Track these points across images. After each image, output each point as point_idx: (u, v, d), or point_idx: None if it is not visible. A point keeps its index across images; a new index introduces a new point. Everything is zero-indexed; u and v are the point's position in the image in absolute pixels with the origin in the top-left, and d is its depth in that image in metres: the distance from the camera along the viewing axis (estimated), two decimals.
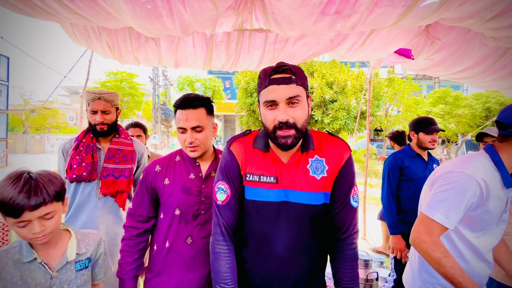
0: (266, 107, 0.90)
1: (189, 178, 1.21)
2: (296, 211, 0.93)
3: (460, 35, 2.17)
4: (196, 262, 1.18)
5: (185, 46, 2.38)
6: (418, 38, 2.38)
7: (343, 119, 10.49)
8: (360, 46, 2.48)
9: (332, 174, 0.96)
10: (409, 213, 2.08)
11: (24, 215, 0.86)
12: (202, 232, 1.19)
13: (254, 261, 0.98)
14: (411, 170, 2.09)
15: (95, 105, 1.63)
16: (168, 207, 1.20)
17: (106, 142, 1.72)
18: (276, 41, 2.32)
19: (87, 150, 1.64)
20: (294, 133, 0.87)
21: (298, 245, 0.95)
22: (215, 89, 14.73)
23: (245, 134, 1.04)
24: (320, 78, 11.12)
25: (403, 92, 12.83)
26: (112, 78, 23.72)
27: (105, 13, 1.69)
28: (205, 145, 1.20)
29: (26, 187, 0.86)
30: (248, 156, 0.98)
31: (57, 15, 1.70)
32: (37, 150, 23.82)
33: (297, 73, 0.89)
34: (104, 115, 1.64)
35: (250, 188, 0.96)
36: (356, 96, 10.60)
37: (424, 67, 2.84)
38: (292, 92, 0.87)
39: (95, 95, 1.63)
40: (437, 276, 1.09)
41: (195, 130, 1.16)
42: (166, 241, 1.20)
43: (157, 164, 1.25)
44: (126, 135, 1.80)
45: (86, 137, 1.68)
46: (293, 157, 0.96)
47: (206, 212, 1.20)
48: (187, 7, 1.45)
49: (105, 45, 2.44)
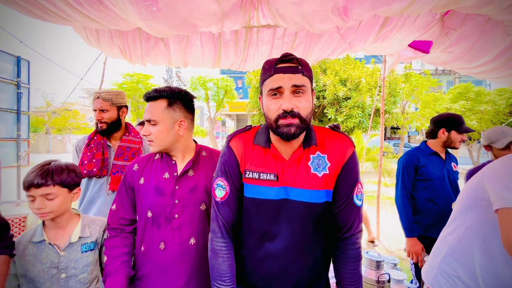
0: (270, 96, 0.87)
1: (163, 178, 1.12)
2: (297, 209, 0.91)
3: (478, 25, 2.05)
4: (170, 271, 1.07)
5: (193, 46, 2.39)
6: (433, 30, 2.27)
7: (358, 117, 10.26)
8: (373, 38, 2.39)
9: (334, 171, 0.92)
10: (425, 214, 1.99)
11: (30, 190, 1.05)
12: (175, 238, 1.08)
13: (254, 260, 0.96)
14: (427, 169, 1.98)
15: (94, 104, 1.69)
16: (142, 209, 1.11)
17: (117, 140, 1.78)
18: (284, 35, 2.29)
19: (97, 147, 1.69)
20: (298, 123, 0.84)
21: (299, 244, 0.92)
22: (227, 89, 14.81)
23: (245, 129, 1.01)
24: (333, 75, 10.93)
25: (421, 88, 12.38)
26: (129, 80, 24.47)
27: (114, 15, 1.73)
28: (161, 140, 1.09)
29: (40, 171, 1.06)
30: (248, 152, 0.95)
31: (69, 18, 1.75)
32: (59, 150, 24.91)
33: (303, 63, 0.87)
34: (102, 113, 1.67)
35: (250, 185, 0.93)
36: (371, 93, 10.33)
37: (444, 61, 2.71)
38: (298, 80, 0.84)
39: (95, 94, 1.70)
40: (458, 269, 1.03)
41: (149, 123, 1.09)
42: (141, 245, 1.12)
43: (136, 163, 1.18)
44: (136, 133, 1.84)
45: (97, 135, 1.74)
46: (295, 153, 0.92)
47: (181, 215, 1.09)
48: (191, 6, 1.45)
49: (116, 47, 2.50)
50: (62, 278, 1.11)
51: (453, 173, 2.01)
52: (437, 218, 1.94)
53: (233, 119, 22.21)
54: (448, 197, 1.96)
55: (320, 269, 0.99)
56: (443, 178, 1.98)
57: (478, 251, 0.98)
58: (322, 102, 11.09)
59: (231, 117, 22.10)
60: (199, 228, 1.11)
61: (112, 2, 1.57)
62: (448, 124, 1.94)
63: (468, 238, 1.01)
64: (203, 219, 1.12)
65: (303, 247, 0.93)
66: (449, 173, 1.99)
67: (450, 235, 1.09)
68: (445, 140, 1.96)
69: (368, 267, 1.89)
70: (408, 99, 12.77)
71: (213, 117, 15.78)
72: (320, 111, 11.64)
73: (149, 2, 1.50)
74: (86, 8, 1.62)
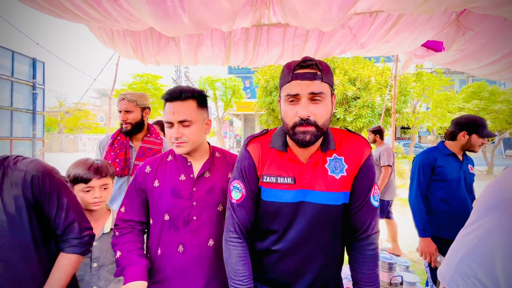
0: (287, 102, 0.86)
1: (179, 180, 1.10)
2: (314, 211, 0.91)
3: (494, 24, 1.99)
4: (189, 273, 1.07)
5: (203, 46, 2.41)
6: (448, 29, 2.22)
7: (367, 117, 10.13)
8: (385, 38, 2.36)
9: (351, 173, 0.92)
10: (438, 215, 1.96)
11: (91, 182, 1.22)
12: (194, 240, 1.07)
13: (270, 258, 0.97)
14: (444, 170, 1.94)
15: (120, 105, 1.75)
16: (158, 212, 1.10)
17: (138, 141, 1.82)
18: (295, 35, 2.28)
19: (121, 147, 1.75)
20: (313, 130, 0.84)
21: (315, 244, 0.93)
22: (235, 89, 14.84)
23: (262, 133, 1.01)
24: (342, 74, 10.81)
25: (432, 88, 12.11)
26: (138, 80, 24.89)
27: (128, 14, 1.75)
28: (193, 141, 1.08)
29: (93, 165, 1.24)
30: (265, 156, 0.96)
31: (85, 16, 1.79)
32: (71, 149, 25.52)
33: (323, 69, 0.85)
34: (127, 114, 1.73)
35: (267, 189, 0.94)
36: (381, 93, 10.18)
37: (454, 60, 2.65)
38: (316, 88, 0.83)
39: (121, 96, 1.75)
40: (476, 269, 1.01)
41: (182, 124, 1.05)
42: (158, 248, 1.10)
43: (148, 164, 1.16)
44: (157, 135, 1.87)
45: (121, 135, 1.79)
46: (313, 156, 0.93)
47: (199, 217, 1.08)
48: (204, 4, 1.46)
49: (129, 47, 2.54)
50: (94, 267, 1.20)
51: (469, 175, 1.98)
52: (450, 219, 1.92)
53: (241, 119, 22.26)
54: (462, 199, 1.93)
55: (335, 269, 1.00)
56: (459, 179, 1.94)
57: (500, 252, 0.95)
58: None
59: (239, 117, 22.15)
60: (217, 229, 1.11)
61: (127, 1, 1.59)
62: (470, 128, 1.89)
63: (489, 239, 0.99)
64: (221, 220, 1.12)
65: (319, 247, 0.94)
66: (465, 175, 1.96)
67: (469, 235, 1.06)
68: (465, 143, 1.92)
69: (380, 269, 1.87)
70: (419, 99, 12.52)
71: (221, 117, 15.84)
72: None
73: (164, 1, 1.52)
74: (103, 6, 1.65)
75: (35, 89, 9.02)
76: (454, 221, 1.87)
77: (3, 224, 0.87)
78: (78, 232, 0.99)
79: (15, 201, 0.88)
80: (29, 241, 0.91)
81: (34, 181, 0.91)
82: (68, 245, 0.98)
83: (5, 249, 0.88)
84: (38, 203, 0.92)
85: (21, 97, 8.64)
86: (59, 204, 0.96)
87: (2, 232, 0.87)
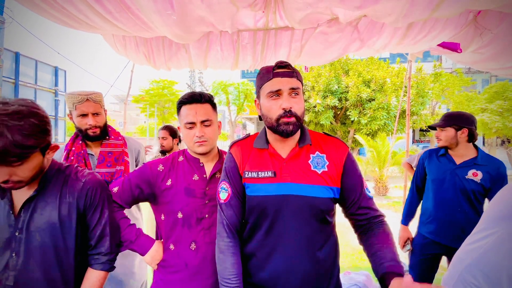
0: (270, 98, 0.96)
1: (193, 180, 1.16)
2: (298, 204, 0.95)
3: None
4: (201, 271, 1.11)
5: (213, 50, 2.46)
6: (466, 30, 2.13)
7: (382, 119, 9.90)
8: (398, 41, 2.30)
9: (333, 170, 0.99)
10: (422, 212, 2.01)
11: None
12: (207, 237, 1.12)
13: (260, 257, 0.99)
14: (428, 168, 1.96)
15: (84, 108, 1.47)
16: (170, 210, 1.13)
17: (97, 146, 1.58)
18: (302, 38, 2.27)
19: (78, 158, 1.52)
20: (295, 121, 0.94)
21: (304, 240, 0.95)
22: (247, 93, 14.98)
23: (245, 137, 1.11)
24: (356, 76, 10.65)
25: (453, 88, 11.68)
26: (155, 86, 25.74)
27: (141, 23, 1.82)
28: (213, 140, 1.17)
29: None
30: (246, 156, 1.03)
31: (98, 27, 1.87)
32: None
33: (295, 70, 0.99)
34: (96, 117, 1.50)
35: (250, 184, 0.99)
36: (397, 94, 9.93)
37: (475, 61, 2.54)
38: (295, 84, 0.96)
39: (82, 97, 1.46)
40: (481, 279, 0.96)
41: (204, 124, 1.14)
42: (169, 243, 1.15)
43: (161, 163, 1.19)
44: (116, 135, 1.66)
45: (75, 145, 1.54)
46: (292, 151, 1.00)
47: (211, 216, 1.13)
48: (208, 8, 1.50)
49: (141, 54, 2.63)
50: None
51: (464, 180, 1.78)
52: (427, 217, 1.93)
53: (254, 122, 22.37)
54: (444, 201, 1.82)
55: (329, 266, 0.99)
56: (443, 181, 1.83)
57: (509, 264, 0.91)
58: (345, 104, 10.82)
59: (252, 120, 22.27)
60: None
61: (139, 9, 1.65)
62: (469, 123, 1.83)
63: (498, 250, 0.94)
64: None
65: (308, 243, 0.95)
66: (457, 179, 1.79)
67: (476, 243, 1.02)
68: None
69: None
70: (438, 100, 12.09)
71: (234, 120, 15.99)
72: (342, 113, 11.36)
73: (170, 11, 1.57)
74: (115, 16, 1.72)
75: (57, 96, 9.47)
76: (431, 221, 1.90)
77: (56, 227, 0.95)
78: (108, 247, 1.04)
79: (69, 208, 0.98)
80: (73, 246, 0.98)
81: (88, 192, 1.00)
82: (97, 262, 1.03)
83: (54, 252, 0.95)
84: (84, 212, 1.01)
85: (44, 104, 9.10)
86: (100, 216, 1.04)
87: (55, 235, 0.95)
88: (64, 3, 1.57)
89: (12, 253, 0.92)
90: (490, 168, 1.76)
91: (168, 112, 26.28)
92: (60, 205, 0.96)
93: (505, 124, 10.49)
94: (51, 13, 1.67)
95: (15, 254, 0.92)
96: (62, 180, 0.99)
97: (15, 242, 0.92)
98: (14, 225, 0.92)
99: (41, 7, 1.62)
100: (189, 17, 1.63)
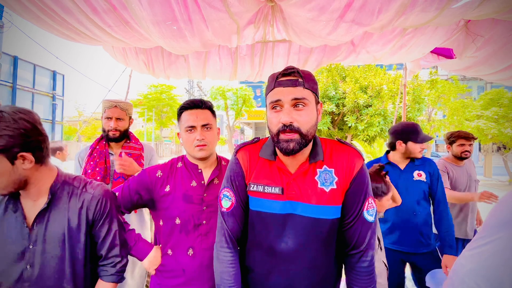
0: (272, 109, 0.86)
1: (191, 186, 1.16)
2: (303, 225, 0.88)
3: (506, 29, 1.95)
4: (198, 276, 1.11)
5: (211, 61, 2.49)
6: (457, 36, 2.19)
7: (379, 125, 9.96)
8: (393, 47, 2.35)
9: (342, 186, 0.89)
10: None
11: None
12: (204, 244, 1.13)
13: (259, 274, 0.95)
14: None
15: (110, 112, 1.73)
16: (169, 216, 1.14)
17: (118, 148, 1.80)
18: (300, 51, 2.32)
19: (100, 156, 1.73)
20: (297, 138, 0.82)
21: (306, 260, 0.90)
22: (245, 98, 15.03)
23: (253, 141, 1.00)
24: (353, 82, 10.74)
25: (448, 95, 11.79)
26: (153, 91, 25.75)
27: (138, 35, 1.85)
28: (212, 145, 1.18)
29: None
30: (253, 164, 0.94)
31: (99, 39, 1.90)
32: None
33: (305, 76, 0.85)
34: (118, 121, 1.73)
35: (255, 198, 0.93)
36: (394, 100, 10.01)
37: (467, 66, 2.59)
38: (298, 93, 0.82)
39: (112, 103, 1.74)
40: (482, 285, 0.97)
41: (204, 127, 1.16)
42: (167, 248, 1.16)
43: (159, 169, 1.21)
44: (136, 140, 1.88)
45: (99, 144, 1.78)
46: (301, 167, 0.90)
47: (208, 222, 1.14)
48: (209, 25, 1.53)
49: (141, 63, 2.66)
50: None
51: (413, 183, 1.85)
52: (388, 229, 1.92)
53: (252, 127, 22.39)
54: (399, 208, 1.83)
55: (330, 286, 0.96)
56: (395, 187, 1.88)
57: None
58: (342, 110, 10.89)
59: (250, 125, 22.30)
60: None
61: (137, 23, 1.68)
62: (403, 136, 1.86)
63: (501, 256, 0.95)
64: None
65: (310, 263, 0.90)
66: (408, 183, 1.86)
67: (477, 249, 1.02)
68: (404, 151, 1.88)
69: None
70: (434, 106, 12.21)
71: (232, 125, 16.01)
72: (340, 119, 11.43)
73: (170, 22, 1.59)
74: (114, 29, 1.75)
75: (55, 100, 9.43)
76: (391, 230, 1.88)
77: (67, 238, 0.96)
78: (118, 256, 1.06)
79: (78, 218, 0.98)
80: (82, 256, 0.99)
81: (98, 204, 1.02)
82: (107, 274, 1.04)
83: (66, 262, 0.96)
84: (93, 223, 1.02)
85: (41, 107, 9.06)
86: (109, 227, 1.05)
87: (66, 246, 0.96)
88: (65, 15, 1.60)
89: (27, 265, 0.93)
90: (428, 167, 1.88)
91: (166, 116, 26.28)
92: (70, 216, 0.97)
93: (500, 131, 10.60)
94: (52, 25, 1.70)
95: (29, 265, 0.93)
96: (70, 192, 1.00)
97: (29, 254, 0.93)
98: (28, 237, 0.93)
99: (42, 19, 1.64)
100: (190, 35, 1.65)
